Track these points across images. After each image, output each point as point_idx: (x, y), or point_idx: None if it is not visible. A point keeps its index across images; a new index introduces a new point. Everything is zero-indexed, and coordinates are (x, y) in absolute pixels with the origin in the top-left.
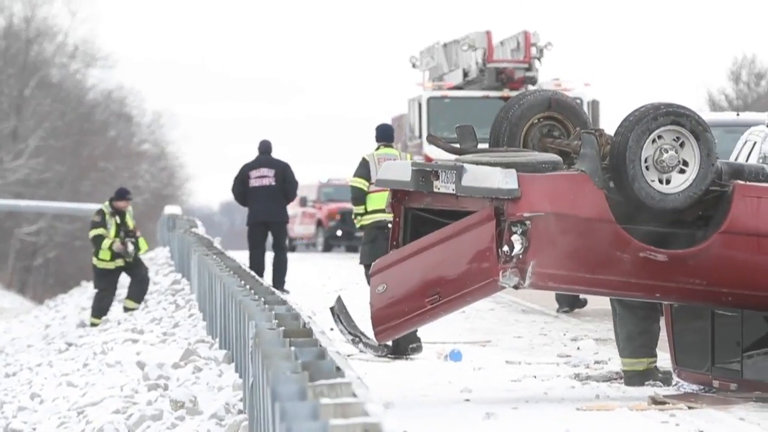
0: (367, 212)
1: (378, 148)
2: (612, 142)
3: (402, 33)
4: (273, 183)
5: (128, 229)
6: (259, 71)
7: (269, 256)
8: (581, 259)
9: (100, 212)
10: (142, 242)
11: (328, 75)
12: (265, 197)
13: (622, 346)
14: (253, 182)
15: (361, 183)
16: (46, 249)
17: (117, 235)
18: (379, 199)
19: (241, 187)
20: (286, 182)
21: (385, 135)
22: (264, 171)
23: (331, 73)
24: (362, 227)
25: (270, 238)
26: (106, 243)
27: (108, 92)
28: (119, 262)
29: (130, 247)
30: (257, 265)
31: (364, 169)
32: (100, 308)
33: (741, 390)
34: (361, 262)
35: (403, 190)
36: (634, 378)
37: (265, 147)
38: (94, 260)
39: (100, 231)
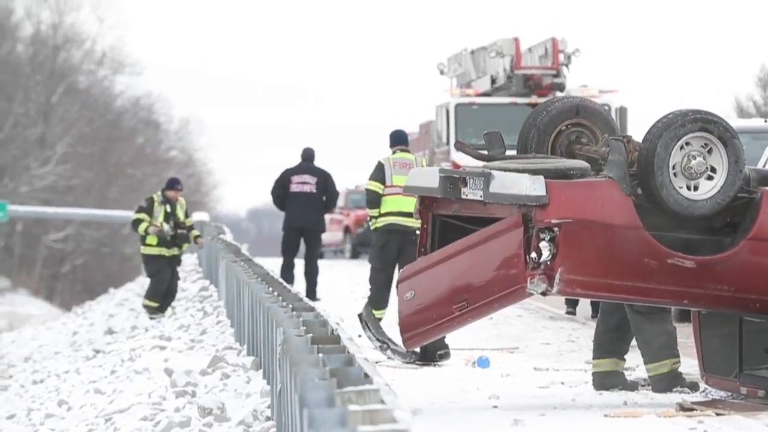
0: (381, 215)
1: (394, 153)
2: (640, 149)
3: (430, 40)
4: (314, 190)
5: (178, 219)
6: (285, 78)
7: (299, 264)
8: (609, 265)
9: (149, 199)
10: (192, 235)
11: (355, 83)
12: (305, 204)
13: (642, 352)
14: (294, 187)
15: (376, 186)
16: (73, 256)
17: (167, 221)
18: (392, 203)
19: (281, 191)
20: (327, 191)
21: (399, 140)
22: (306, 178)
23: (358, 80)
24: (375, 230)
25: (302, 246)
26: (142, 227)
27: (136, 99)
28: (164, 251)
29: (165, 227)
30: (287, 268)
31: (379, 173)
32: (154, 291)
33: None
34: (369, 262)
35: (431, 196)
36: (661, 381)
37: (308, 154)
38: (141, 248)
39: (140, 215)
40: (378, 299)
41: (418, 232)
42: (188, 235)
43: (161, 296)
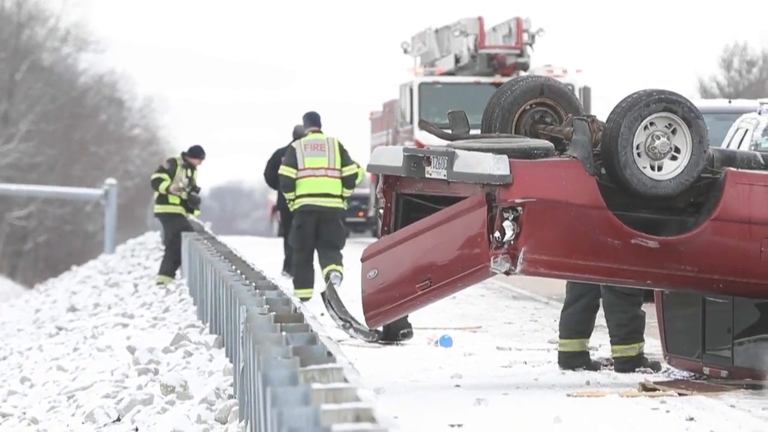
0: (297, 197)
1: (306, 135)
2: (604, 129)
3: (394, 18)
4: None
5: (195, 185)
6: (251, 56)
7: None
8: (573, 245)
9: (172, 161)
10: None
11: (319, 61)
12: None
13: (613, 333)
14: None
15: (289, 171)
16: (36, 233)
17: (184, 188)
18: (306, 185)
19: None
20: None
21: (311, 121)
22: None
23: (323, 58)
24: (294, 211)
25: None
26: (163, 185)
27: (99, 76)
28: (180, 209)
29: (184, 181)
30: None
31: (291, 158)
32: (169, 266)
33: (732, 377)
34: (290, 244)
35: (395, 175)
36: (627, 363)
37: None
38: (156, 207)
39: (161, 175)
40: (302, 280)
41: (339, 210)
42: (200, 199)
43: (174, 273)
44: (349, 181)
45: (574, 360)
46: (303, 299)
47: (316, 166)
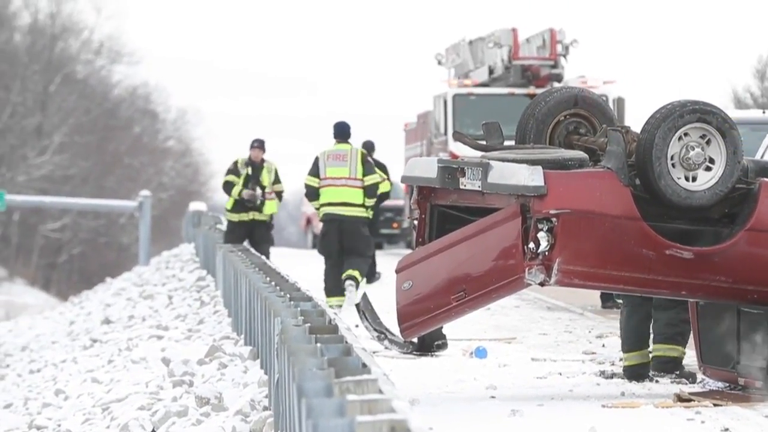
0: (321, 206)
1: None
2: (638, 140)
3: (428, 30)
4: None
5: (260, 183)
6: (284, 69)
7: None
8: (607, 256)
9: (235, 162)
10: (271, 204)
11: (352, 73)
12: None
13: (658, 331)
14: None
15: (311, 180)
16: (70, 245)
17: (245, 186)
18: (327, 194)
19: None
20: None
21: (339, 132)
22: None
23: (357, 70)
24: (320, 220)
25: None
26: (235, 190)
27: (133, 89)
28: (244, 217)
29: (258, 191)
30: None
31: (314, 168)
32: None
33: (767, 388)
34: (318, 252)
35: (429, 186)
36: (668, 364)
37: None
38: (226, 214)
39: (230, 177)
40: (331, 287)
41: (361, 219)
42: (264, 202)
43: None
44: (370, 191)
45: (643, 369)
46: (333, 307)
47: (336, 175)
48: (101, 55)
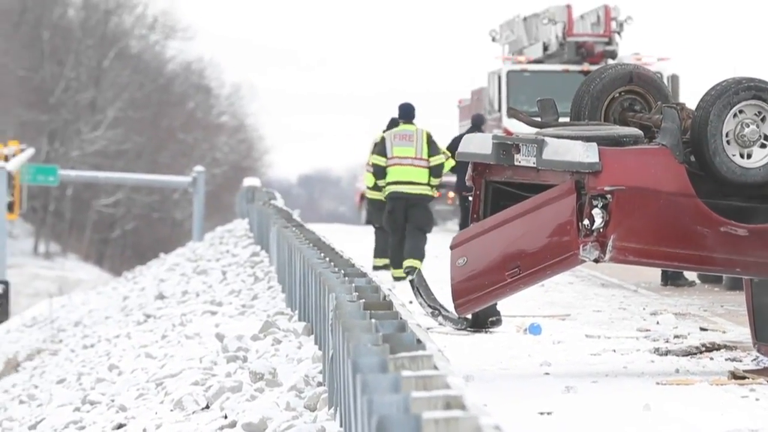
0: (387, 184)
1: (398, 125)
2: (693, 117)
3: (482, 6)
4: None
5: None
6: (338, 47)
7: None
8: (661, 233)
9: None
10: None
11: (408, 50)
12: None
13: None
14: None
15: (378, 159)
16: (123, 221)
17: None
18: (393, 173)
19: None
20: None
21: (405, 113)
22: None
23: (411, 48)
24: (385, 198)
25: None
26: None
27: (187, 64)
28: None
29: None
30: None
31: (381, 147)
32: (378, 248)
33: None
34: (374, 224)
35: (484, 163)
36: None
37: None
38: (367, 193)
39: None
40: (398, 260)
41: (427, 197)
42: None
43: (386, 253)
44: (436, 171)
45: None
46: (407, 272)
47: (402, 155)
48: (155, 31)
